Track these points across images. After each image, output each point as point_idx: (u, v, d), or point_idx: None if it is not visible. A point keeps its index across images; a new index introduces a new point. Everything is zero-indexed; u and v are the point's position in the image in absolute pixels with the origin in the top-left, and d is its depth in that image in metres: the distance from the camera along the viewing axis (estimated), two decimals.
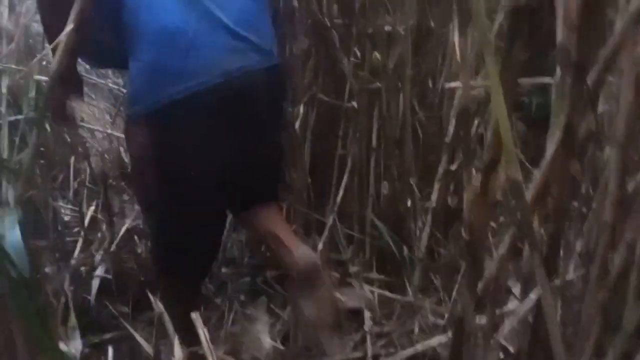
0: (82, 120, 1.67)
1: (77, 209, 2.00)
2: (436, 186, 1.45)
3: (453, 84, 1.29)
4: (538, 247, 0.69)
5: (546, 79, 1.00)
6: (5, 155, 1.34)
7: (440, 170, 1.43)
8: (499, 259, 0.73)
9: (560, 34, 0.70)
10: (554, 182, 0.72)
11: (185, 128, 1.01)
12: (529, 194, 0.71)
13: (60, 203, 2.08)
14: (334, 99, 1.51)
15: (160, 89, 1.01)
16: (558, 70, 0.70)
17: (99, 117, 2.62)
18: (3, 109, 1.31)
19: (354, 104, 1.47)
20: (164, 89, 1.00)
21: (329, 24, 1.38)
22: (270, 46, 1.12)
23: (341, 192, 1.50)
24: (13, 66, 1.39)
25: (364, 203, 1.48)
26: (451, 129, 1.37)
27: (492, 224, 1.07)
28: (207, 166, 1.05)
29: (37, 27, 1.84)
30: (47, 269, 1.53)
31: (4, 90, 1.33)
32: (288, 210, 1.57)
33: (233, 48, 1.04)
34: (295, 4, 1.37)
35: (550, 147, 0.70)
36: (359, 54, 1.43)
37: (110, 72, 2.72)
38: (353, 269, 1.48)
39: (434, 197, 1.44)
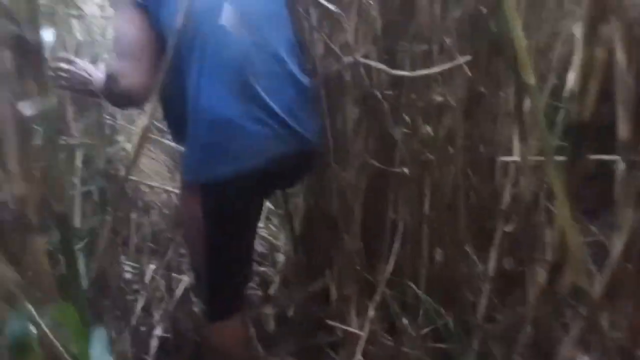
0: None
1: (137, 265, 2.10)
2: (493, 253, 1.42)
3: (509, 159, 1.28)
4: (608, 342, 0.67)
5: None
6: (78, 224, 1.44)
7: (497, 237, 1.41)
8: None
9: (621, 130, 0.69)
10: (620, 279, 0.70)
11: (229, 200, 1.20)
12: (596, 290, 0.69)
13: (123, 258, 2.18)
14: (384, 165, 1.53)
15: (211, 167, 1.18)
16: (621, 166, 0.70)
17: (159, 172, 2.76)
18: (77, 182, 1.40)
19: (405, 170, 1.48)
20: (215, 167, 1.17)
21: (379, 95, 1.42)
22: (311, 133, 1.28)
23: (393, 258, 1.49)
24: (88, 141, 1.50)
25: (417, 269, 1.47)
26: (507, 195, 1.35)
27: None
28: (242, 228, 1.27)
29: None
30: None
31: (79, 163, 1.43)
32: (339, 274, 1.59)
33: (278, 136, 1.19)
34: (347, 77, 1.41)
35: (616, 247, 0.68)
36: (409, 122, 1.45)
37: None
38: (407, 336, 1.46)
39: (491, 264, 1.41)
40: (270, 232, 2.20)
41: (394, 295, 1.48)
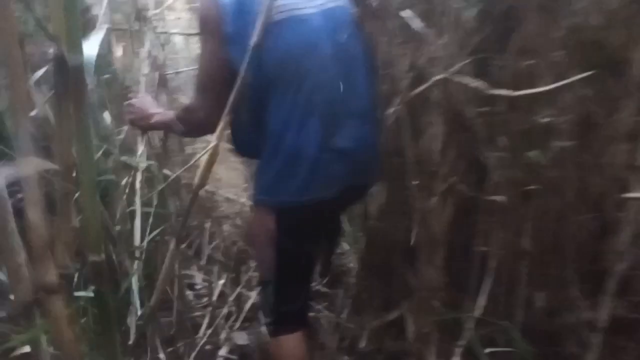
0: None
1: (208, 277, 2.07)
2: (605, 298, 1.21)
3: (633, 195, 1.08)
4: None
5: None
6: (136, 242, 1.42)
7: (610, 280, 1.20)
8: None
9: None
10: None
11: (298, 221, 1.26)
12: None
13: (194, 270, 2.17)
14: (473, 192, 1.37)
15: (285, 193, 1.22)
16: None
17: (235, 183, 2.75)
18: (137, 201, 1.39)
19: (499, 198, 1.31)
20: (289, 194, 1.22)
21: (471, 115, 1.27)
22: (378, 166, 1.35)
23: (484, 296, 1.32)
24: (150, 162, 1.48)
25: (512, 312, 1.29)
26: (625, 236, 1.14)
27: None
28: (310, 247, 1.34)
29: None
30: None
31: (138, 185, 1.42)
32: (418, 307, 1.44)
33: (351, 170, 1.24)
34: (435, 95, 1.27)
35: None
36: (507, 144, 1.28)
37: None
38: None
39: (603, 311, 1.20)
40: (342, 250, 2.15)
41: (483, 340, 1.31)
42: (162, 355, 1.51)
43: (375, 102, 1.29)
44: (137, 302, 1.35)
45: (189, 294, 1.96)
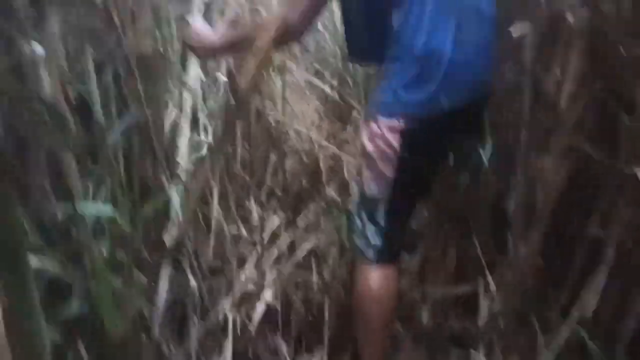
0: None
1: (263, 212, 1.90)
2: None
3: None
4: None
5: None
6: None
7: None
8: None
9: None
10: None
11: (421, 134, 1.18)
12: None
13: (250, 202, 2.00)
14: (601, 156, 1.04)
15: (414, 103, 1.16)
16: None
17: (308, 117, 2.54)
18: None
19: (635, 170, 0.98)
20: (419, 104, 1.15)
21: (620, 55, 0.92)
22: (489, 86, 1.24)
23: (595, 292, 1.02)
24: None
25: (619, 321, 0.99)
26: None
27: None
28: (429, 167, 1.28)
29: None
30: None
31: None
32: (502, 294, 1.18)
33: (477, 82, 1.17)
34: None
35: None
36: None
37: (327, 74, 2.61)
38: None
39: None
40: None
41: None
42: (193, 282, 1.37)
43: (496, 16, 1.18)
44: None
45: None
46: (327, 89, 2.54)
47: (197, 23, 1.35)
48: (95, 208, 1.09)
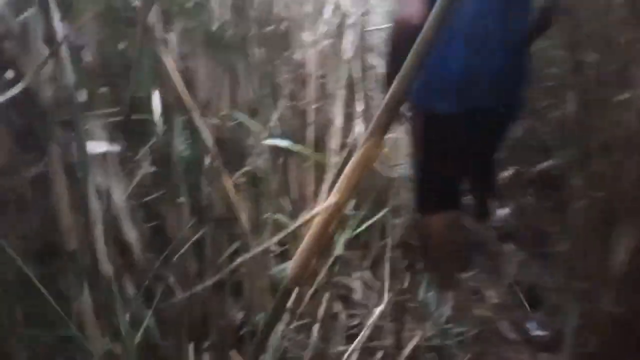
0: None
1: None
2: None
3: None
4: None
5: None
6: None
7: None
8: None
9: None
10: None
11: (453, 127, 1.48)
12: None
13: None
14: None
15: (436, 102, 1.48)
16: None
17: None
18: None
19: None
20: (447, 102, 1.46)
21: None
22: (518, 95, 1.55)
23: None
24: None
25: None
26: None
27: None
28: (460, 150, 1.54)
29: None
30: None
31: None
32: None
33: (489, 90, 1.44)
34: None
35: None
36: None
37: None
38: None
39: None
40: None
41: None
42: None
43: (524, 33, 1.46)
44: None
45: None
46: None
47: None
48: None
